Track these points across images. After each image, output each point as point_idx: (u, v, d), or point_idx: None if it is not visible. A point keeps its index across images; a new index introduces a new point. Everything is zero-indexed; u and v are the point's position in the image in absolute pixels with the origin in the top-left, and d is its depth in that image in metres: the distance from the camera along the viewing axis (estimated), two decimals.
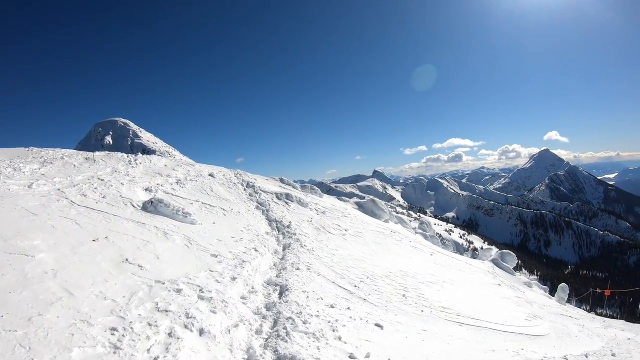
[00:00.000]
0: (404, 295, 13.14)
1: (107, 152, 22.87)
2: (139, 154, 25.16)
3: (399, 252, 21.80)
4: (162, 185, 17.76)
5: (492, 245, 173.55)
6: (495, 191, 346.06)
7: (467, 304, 14.53)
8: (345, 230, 21.87)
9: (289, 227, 18.50)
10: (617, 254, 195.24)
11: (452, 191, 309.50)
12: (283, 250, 14.98)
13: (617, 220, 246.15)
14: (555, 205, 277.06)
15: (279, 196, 23.89)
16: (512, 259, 35.77)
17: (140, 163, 21.13)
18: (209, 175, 22.87)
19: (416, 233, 34.49)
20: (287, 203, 23.28)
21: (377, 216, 32.36)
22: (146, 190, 16.67)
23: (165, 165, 22.72)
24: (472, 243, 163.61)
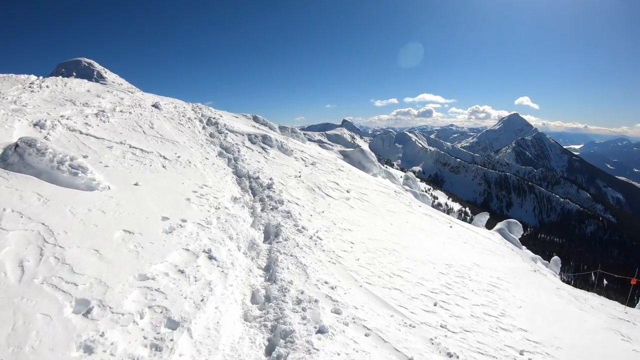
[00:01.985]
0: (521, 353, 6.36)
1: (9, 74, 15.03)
2: (59, 77, 17.20)
3: (419, 224, 15.84)
4: (68, 118, 11.43)
5: (456, 202, 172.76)
6: (462, 149, 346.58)
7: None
8: (347, 192, 15.57)
9: (269, 187, 11.96)
10: (576, 222, 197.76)
11: (420, 145, 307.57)
12: (265, 242, 8.42)
13: (578, 190, 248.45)
14: (520, 169, 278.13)
15: (252, 138, 16.87)
16: (519, 229, 29.53)
17: (48, 86, 14.65)
18: (152, 106, 16.87)
19: (406, 190, 28.50)
20: (263, 148, 16.40)
21: (366, 169, 26.72)
22: (35, 125, 9.84)
23: (88, 91, 16.47)
24: (437, 198, 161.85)
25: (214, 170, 12.03)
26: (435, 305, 7.56)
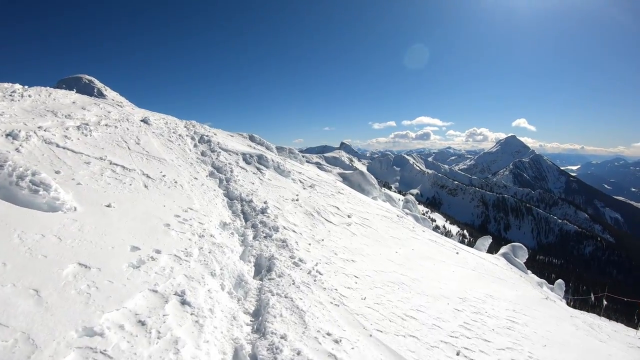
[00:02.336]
0: None
1: None
2: (46, 87, 16.13)
3: (425, 251, 14.55)
4: (46, 130, 10.37)
5: (454, 224, 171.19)
6: (460, 171, 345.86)
7: None
8: (348, 217, 14.45)
9: (264, 212, 10.82)
10: (574, 242, 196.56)
11: (418, 168, 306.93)
12: (256, 277, 7.21)
13: (576, 211, 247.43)
14: (518, 191, 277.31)
15: (247, 158, 15.73)
16: (524, 253, 28.27)
17: (30, 96, 13.79)
18: (141, 121, 15.87)
19: (407, 214, 27.33)
20: (259, 169, 15.25)
21: (366, 192, 25.74)
22: (7, 135, 8.73)
23: (73, 102, 15.43)
24: (435, 221, 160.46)
25: (203, 192, 10.87)
26: (458, 354, 6.33)
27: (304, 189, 15.63)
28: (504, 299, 11.84)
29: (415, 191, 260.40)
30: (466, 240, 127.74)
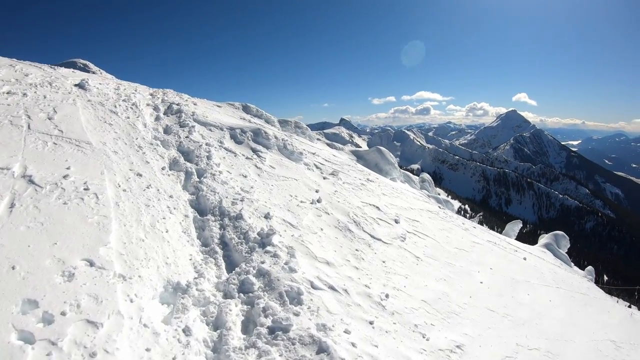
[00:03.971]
0: None
1: None
2: None
3: (507, 269, 9.62)
4: None
5: (455, 199, 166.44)
6: (460, 146, 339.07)
7: None
8: (396, 221, 9.29)
9: (265, 243, 5.56)
10: (575, 218, 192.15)
11: (418, 143, 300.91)
12: None
13: (577, 186, 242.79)
14: (518, 165, 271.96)
15: (237, 135, 10.31)
16: (566, 243, 22.92)
17: None
18: (76, 85, 10.62)
19: (429, 197, 22.32)
20: (255, 151, 9.80)
21: (384, 172, 20.18)
22: None
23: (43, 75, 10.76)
24: (439, 195, 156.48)
25: (144, 204, 5.69)
26: None
27: (324, 178, 10.27)
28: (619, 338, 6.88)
29: (416, 166, 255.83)
30: (467, 215, 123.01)
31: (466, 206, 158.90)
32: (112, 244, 4.33)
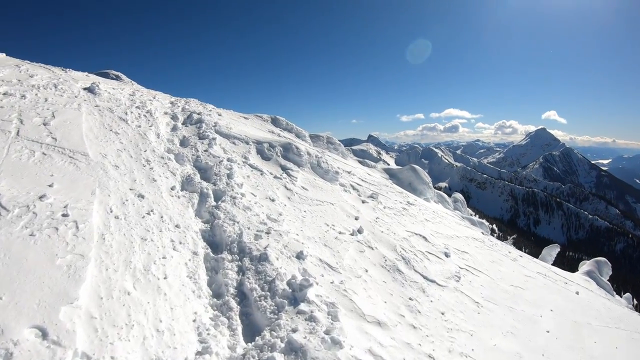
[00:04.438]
0: None
1: None
2: None
3: (565, 309, 7.93)
4: None
5: (482, 219, 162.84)
6: (489, 165, 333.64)
7: None
8: (446, 255, 7.87)
9: (297, 296, 4.09)
10: (605, 239, 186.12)
11: (446, 161, 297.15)
12: None
13: (607, 206, 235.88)
14: (548, 185, 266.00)
15: (264, 150, 9.01)
16: (608, 270, 21.13)
17: None
18: (84, 89, 9.46)
19: (463, 218, 20.88)
20: (285, 170, 8.50)
21: (418, 192, 19.04)
22: None
23: (50, 77, 9.61)
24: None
25: (139, 238, 4.39)
26: None
27: (363, 202, 8.94)
28: None
29: (443, 184, 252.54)
30: (495, 235, 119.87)
31: (494, 226, 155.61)
32: (81, 301, 3.02)
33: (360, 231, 6.74)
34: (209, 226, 5.22)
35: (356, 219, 7.52)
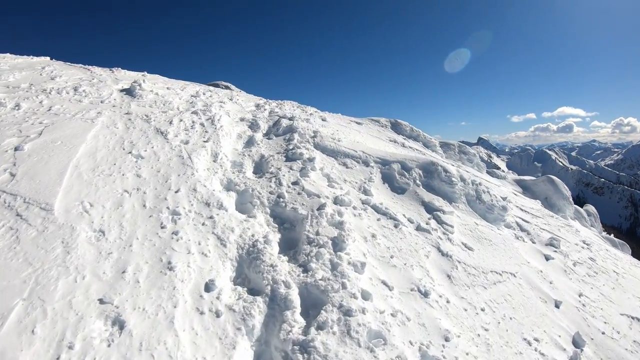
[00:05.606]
0: None
1: None
2: None
3: None
4: None
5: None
6: (606, 167, 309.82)
7: None
8: None
9: None
10: None
11: (560, 164, 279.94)
12: None
13: None
14: None
15: (393, 176, 5.47)
16: None
17: None
18: (123, 90, 6.60)
19: (605, 239, 16.81)
20: (431, 210, 5.26)
21: (556, 208, 15.26)
22: None
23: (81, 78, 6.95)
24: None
25: None
26: None
27: (547, 259, 5.55)
28: None
29: None
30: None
31: (611, 235, 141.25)
32: None
33: (579, 344, 3.40)
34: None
35: (557, 306, 4.18)
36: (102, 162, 3.75)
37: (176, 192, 3.62)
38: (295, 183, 4.34)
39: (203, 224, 3.27)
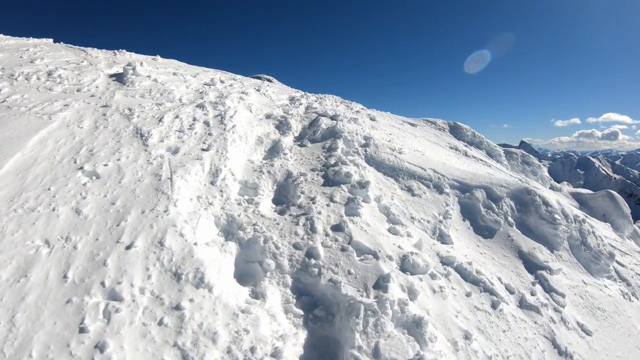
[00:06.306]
0: None
1: None
2: None
3: None
4: None
5: None
6: None
7: None
8: None
9: None
10: None
11: (604, 172, 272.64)
12: None
13: None
14: None
15: (476, 207, 3.89)
16: None
17: None
18: (112, 76, 5.46)
19: None
20: (532, 269, 3.76)
21: (615, 226, 13.08)
22: None
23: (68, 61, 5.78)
24: None
25: None
26: None
27: None
28: None
29: None
30: None
31: None
32: None
33: None
34: None
35: None
36: (32, 186, 2.36)
37: (127, 248, 2.13)
38: (337, 228, 2.78)
39: (160, 325, 1.78)
